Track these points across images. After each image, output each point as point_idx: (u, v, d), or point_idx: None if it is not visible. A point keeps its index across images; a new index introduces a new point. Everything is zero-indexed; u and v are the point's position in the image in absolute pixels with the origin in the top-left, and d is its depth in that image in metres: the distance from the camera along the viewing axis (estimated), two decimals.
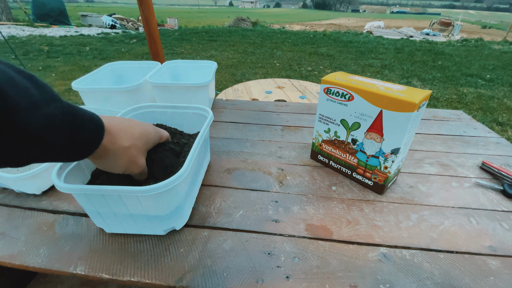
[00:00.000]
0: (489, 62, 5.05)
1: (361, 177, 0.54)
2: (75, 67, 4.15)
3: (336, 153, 0.57)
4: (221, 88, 3.24)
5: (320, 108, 0.56)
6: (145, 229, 0.42)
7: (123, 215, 0.39)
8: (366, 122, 0.49)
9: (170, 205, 0.39)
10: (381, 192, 0.52)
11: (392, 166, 0.49)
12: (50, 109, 0.23)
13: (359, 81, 0.50)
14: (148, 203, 0.37)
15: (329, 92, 0.52)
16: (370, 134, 0.49)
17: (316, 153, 0.62)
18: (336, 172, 0.59)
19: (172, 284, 0.36)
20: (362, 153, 0.52)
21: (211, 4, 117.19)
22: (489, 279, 0.37)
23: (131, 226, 0.42)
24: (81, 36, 6.68)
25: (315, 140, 0.61)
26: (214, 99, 0.97)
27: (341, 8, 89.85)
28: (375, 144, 0.49)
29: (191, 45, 6.16)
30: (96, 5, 65.30)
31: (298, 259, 0.39)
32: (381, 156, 0.49)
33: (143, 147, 0.37)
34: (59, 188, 0.34)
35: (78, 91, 0.71)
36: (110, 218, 0.40)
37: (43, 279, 0.60)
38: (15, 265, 0.39)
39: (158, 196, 0.35)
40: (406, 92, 0.44)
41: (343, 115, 0.52)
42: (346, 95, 0.50)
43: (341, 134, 0.54)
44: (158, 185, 0.33)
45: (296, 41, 7.01)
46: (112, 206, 0.38)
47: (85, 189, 0.35)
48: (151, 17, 1.30)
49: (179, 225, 0.43)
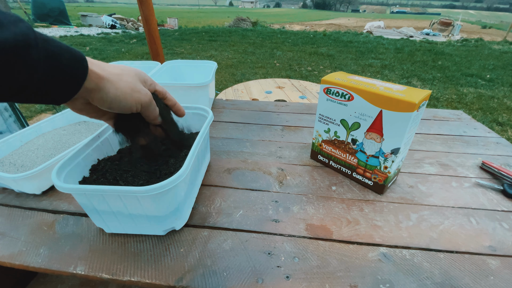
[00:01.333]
0: (489, 62, 5.05)
1: (361, 177, 0.54)
2: None
3: (336, 153, 0.57)
4: (221, 88, 3.24)
5: (320, 108, 0.56)
6: (145, 229, 0.42)
7: (123, 215, 0.39)
8: (366, 122, 0.49)
9: (170, 205, 0.39)
10: (381, 192, 0.52)
11: (392, 166, 0.49)
12: (20, 27, 0.22)
13: (359, 81, 0.50)
14: (148, 203, 0.37)
15: (329, 92, 0.52)
16: (370, 134, 0.49)
17: (316, 153, 0.62)
18: (336, 172, 0.59)
19: (172, 284, 0.36)
20: (362, 153, 0.52)
21: (211, 4, 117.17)
22: (489, 279, 0.37)
23: (131, 226, 0.42)
24: (81, 36, 6.68)
25: (315, 140, 0.61)
26: (214, 99, 0.97)
27: (341, 8, 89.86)
28: (375, 144, 0.49)
29: (191, 45, 6.16)
30: (96, 5, 65.30)
31: (298, 259, 0.39)
32: (381, 156, 0.49)
33: (136, 77, 0.34)
34: (59, 188, 0.34)
35: None
36: (109, 218, 0.40)
37: (43, 279, 0.60)
38: (15, 265, 0.39)
39: (157, 196, 0.35)
40: (406, 92, 0.44)
41: (343, 115, 0.52)
42: (346, 95, 0.50)
43: (341, 134, 0.54)
44: (158, 185, 0.33)
45: (296, 41, 7.00)
46: (112, 206, 0.38)
47: (84, 189, 0.35)
48: (151, 17, 1.30)
49: (179, 225, 0.43)
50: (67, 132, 0.65)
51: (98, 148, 0.46)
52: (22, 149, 0.57)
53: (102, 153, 0.48)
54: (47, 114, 2.61)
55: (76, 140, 0.62)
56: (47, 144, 0.59)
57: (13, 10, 9.99)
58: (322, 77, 0.64)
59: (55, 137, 0.62)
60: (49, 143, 0.60)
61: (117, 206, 0.38)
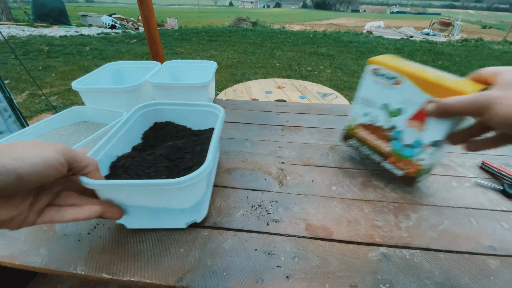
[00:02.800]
0: (489, 62, 5.05)
1: (391, 166, 0.51)
2: (75, 67, 4.15)
3: (370, 138, 0.54)
4: (221, 88, 3.24)
5: (362, 90, 0.53)
6: (167, 223, 0.43)
7: (147, 210, 0.40)
8: (410, 109, 0.45)
9: (196, 197, 0.39)
10: (410, 184, 0.49)
11: (427, 159, 0.45)
12: None
13: (411, 66, 0.46)
14: (176, 196, 0.37)
15: (376, 73, 0.49)
16: (412, 122, 0.45)
17: (347, 136, 0.59)
18: (336, 172, 0.59)
19: (172, 284, 0.36)
20: (398, 141, 0.49)
21: (211, 4, 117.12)
22: (489, 279, 0.37)
23: (153, 221, 0.42)
24: (81, 36, 6.68)
25: (350, 123, 0.58)
26: (214, 99, 0.97)
27: (341, 8, 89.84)
28: (415, 133, 0.45)
29: (191, 45, 6.16)
30: (96, 5, 65.28)
31: (298, 259, 0.39)
32: (419, 146, 0.46)
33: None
34: (88, 185, 0.33)
35: (78, 91, 0.71)
36: (133, 213, 0.40)
37: (43, 279, 0.60)
38: (15, 265, 0.39)
39: (186, 188, 0.36)
40: (460, 82, 0.41)
41: (386, 99, 0.49)
42: (395, 78, 0.46)
43: (380, 119, 0.51)
44: (188, 177, 0.34)
45: (296, 41, 7.00)
46: (138, 200, 0.38)
47: (110, 184, 0.34)
48: (151, 17, 1.30)
49: (200, 217, 0.44)
50: (67, 132, 0.65)
51: (114, 146, 0.47)
52: None
53: (118, 150, 0.48)
54: (47, 114, 2.61)
55: (76, 140, 0.61)
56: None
57: (13, 10, 9.98)
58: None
59: (55, 137, 0.62)
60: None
61: (144, 200, 0.38)
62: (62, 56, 4.71)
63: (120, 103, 0.74)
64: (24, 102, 2.80)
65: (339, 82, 4.06)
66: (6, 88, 1.19)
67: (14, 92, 3.06)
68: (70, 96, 2.99)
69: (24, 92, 3.04)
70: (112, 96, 0.72)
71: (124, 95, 0.72)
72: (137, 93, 0.75)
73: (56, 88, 3.25)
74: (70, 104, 2.82)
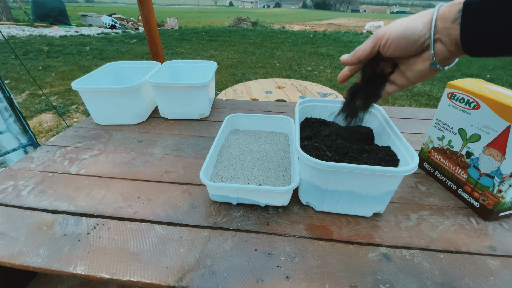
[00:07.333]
0: (489, 62, 5.05)
1: (467, 195, 0.49)
2: (75, 67, 4.15)
3: (445, 164, 0.52)
4: (221, 88, 3.24)
5: (439, 113, 0.52)
6: (357, 210, 0.45)
7: (347, 195, 0.43)
8: (488, 135, 0.43)
9: (392, 186, 0.42)
10: (487, 217, 0.46)
11: (508, 191, 0.42)
12: None
13: (492, 90, 0.44)
14: (385, 184, 0.40)
15: (453, 97, 0.49)
16: (489, 150, 0.44)
17: (422, 159, 0.58)
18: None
19: (172, 284, 0.36)
20: (475, 169, 0.46)
21: (211, 4, 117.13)
22: (489, 279, 0.37)
23: (347, 206, 0.45)
24: (81, 36, 6.68)
25: (424, 146, 0.57)
26: (214, 99, 0.97)
27: (341, 8, 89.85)
28: (493, 162, 0.43)
29: (191, 45, 6.16)
30: (96, 5, 65.30)
31: (298, 259, 0.39)
32: (497, 177, 0.43)
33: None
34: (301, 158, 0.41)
35: (78, 91, 0.71)
36: (333, 197, 0.44)
37: (43, 279, 0.60)
38: (15, 265, 0.39)
39: (393, 178, 0.39)
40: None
41: (463, 123, 0.47)
42: (472, 102, 0.45)
43: (455, 144, 0.50)
44: (403, 168, 0.38)
45: (296, 41, 7.00)
46: (347, 185, 0.41)
47: (340, 166, 0.38)
48: (151, 17, 1.30)
49: (383, 209, 0.46)
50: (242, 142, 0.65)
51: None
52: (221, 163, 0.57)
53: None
54: (47, 114, 2.61)
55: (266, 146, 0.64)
56: (231, 153, 0.60)
57: (13, 10, 9.99)
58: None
59: (233, 145, 0.64)
60: (233, 152, 0.61)
61: (352, 186, 0.41)
62: (62, 56, 4.71)
63: (120, 103, 0.74)
64: (24, 102, 2.80)
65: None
66: (6, 88, 1.19)
67: (14, 92, 3.06)
68: (70, 96, 2.99)
69: (24, 92, 3.04)
70: (112, 96, 0.72)
71: (124, 95, 0.72)
72: (137, 93, 0.75)
73: (56, 88, 3.25)
74: (70, 104, 2.81)
